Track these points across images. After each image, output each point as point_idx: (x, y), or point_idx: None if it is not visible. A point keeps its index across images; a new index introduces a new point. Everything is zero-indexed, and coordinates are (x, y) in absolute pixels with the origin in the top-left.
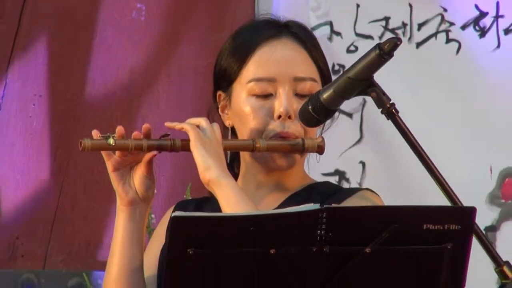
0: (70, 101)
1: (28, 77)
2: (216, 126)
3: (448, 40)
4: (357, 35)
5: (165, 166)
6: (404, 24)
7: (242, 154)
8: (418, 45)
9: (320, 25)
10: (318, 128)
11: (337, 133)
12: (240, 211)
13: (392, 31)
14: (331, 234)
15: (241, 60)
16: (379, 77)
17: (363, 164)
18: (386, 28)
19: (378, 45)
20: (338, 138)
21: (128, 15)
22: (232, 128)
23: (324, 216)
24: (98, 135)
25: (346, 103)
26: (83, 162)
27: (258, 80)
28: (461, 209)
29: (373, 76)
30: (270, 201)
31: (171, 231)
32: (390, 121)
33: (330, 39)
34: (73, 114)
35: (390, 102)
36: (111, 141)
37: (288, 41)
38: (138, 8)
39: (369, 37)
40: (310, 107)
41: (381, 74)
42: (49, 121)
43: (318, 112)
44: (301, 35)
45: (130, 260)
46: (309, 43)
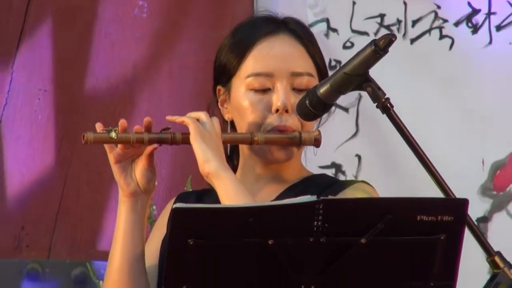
0: (74, 95)
1: (33, 72)
2: (216, 120)
3: (441, 37)
4: (353, 31)
5: (166, 159)
6: (399, 21)
7: (241, 147)
8: (413, 41)
9: (317, 22)
10: (315, 122)
11: (333, 127)
12: (238, 203)
13: (387, 27)
14: (327, 225)
15: (240, 55)
16: (375, 72)
17: (358, 157)
18: (381, 24)
19: (374, 41)
20: (334, 132)
21: (131, 12)
22: (232, 122)
23: (321, 207)
24: (101, 128)
25: (342, 98)
26: (86, 155)
27: (257, 75)
28: (454, 200)
29: (368, 72)
30: (268, 192)
31: (172, 222)
32: (385, 115)
33: (327, 35)
34: (77, 108)
35: (385, 97)
36: (113, 134)
37: (286, 37)
38: (140, 5)
39: (365, 33)
40: (308, 101)
41: (376, 70)
42: (53, 115)
43: (315, 106)
44: (298, 31)
45: (131, 249)
46: (306, 39)
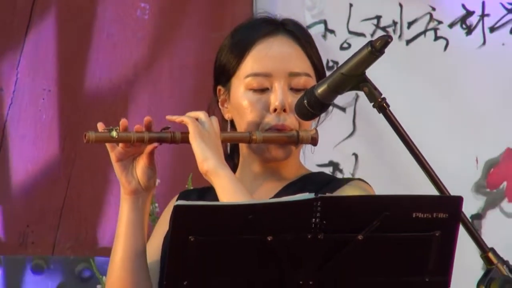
0: (77, 95)
1: (37, 72)
2: (215, 119)
3: (436, 38)
4: (350, 33)
5: (168, 158)
6: (395, 23)
7: (240, 146)
8: (408, 42)
9: (315, 23)
10: (314, 121)
11: (331, 126)
12: (235, 200)
13: (383, 29)
14: (325, 222)
15: (239, 56)
16: (371, 72)
17: (355, 155)
18: (377, 26)
19: (370, 43)
20: (332, 131)
21: (133, 13)
22: (232, 121)
23: (319, 205)
24: (102, 127)
25: (339, 98)
26: (90, 154)
27: (255, 75)
28: (448, 198)
29: (365, 72)
30: (267, 190)
31: (174, 219)
32: (381, 114)
33: (324, 36)
34: (80, 107)
35: (381, 97)
36: (114, 133)
37: (284, 38)
38: (142, 7)
39: (362, 34)
40: (306, 101)
41: (373, 70)
42: (57, 115)
43: (313, 106)
44: (296, 32)
45: (133, 245)
46: (304, 40)
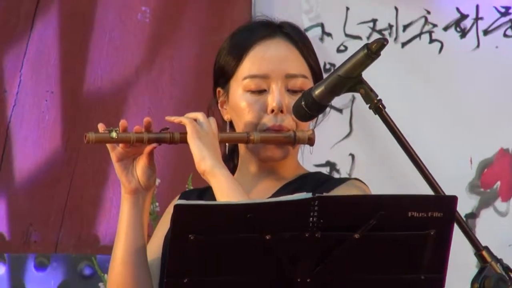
0: (79, 97)
1: (40, 74)
2: (213, 120)
3: (431, 41)
4: (347, 35)
5: (168, 158)
6: (390, 26)
7: (239, 147)
8: (403, 45)
9: (312, 26)
10: (311, 122)
11: (328, 127)
12: (232, 199)
13: (379, 32)
14: (322, 221)
15: (237, 58)
16: (367, 75)
17: (352, 156)
18: (373, 29)
19: (366, 45)
20: (329, 132)
21: (134, 17)
22: (231, 122)
23: (316, 204)
24: (103, 128)
25: (336, 99)
26: (92, 154)
27: (253, 76)
28: (443, 197)
29: (361, 74)
30: (265, 189)
31: (174, 218)
32: (377, 116)
33: (321, 39)
34: (82, 109)
35: (378, 98)
36: (114, 134)
37: (281, 40)
38: (143, 11)
39: (358, 37)
40: (303, 102)
41: (369, 72)
42: (60, 116)
43: (310, 107)
44: (293, 35)
45: (133, 243)
46: (301, 42)
